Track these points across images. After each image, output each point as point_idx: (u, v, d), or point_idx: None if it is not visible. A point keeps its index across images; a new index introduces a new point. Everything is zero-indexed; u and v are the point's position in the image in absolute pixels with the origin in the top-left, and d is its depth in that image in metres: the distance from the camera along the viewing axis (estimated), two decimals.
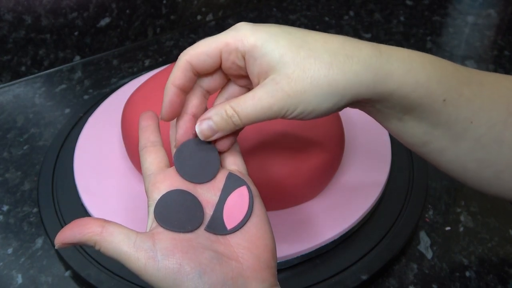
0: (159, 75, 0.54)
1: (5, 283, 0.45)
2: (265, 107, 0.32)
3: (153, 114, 0.39)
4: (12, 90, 0.68)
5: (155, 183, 0.35)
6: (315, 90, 0.31)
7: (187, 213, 0.33)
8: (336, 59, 0.32)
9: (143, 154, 0.37)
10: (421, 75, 0.33)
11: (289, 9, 0.85)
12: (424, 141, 0.35)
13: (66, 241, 0.31)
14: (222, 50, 0.34)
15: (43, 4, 0.66)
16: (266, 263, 0.33)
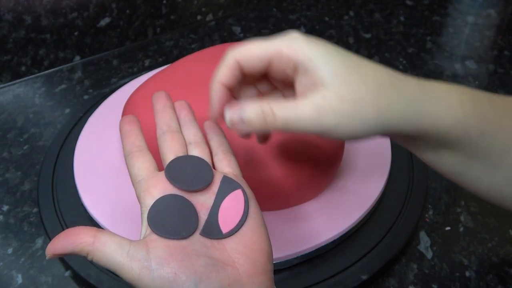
0: (159, 75, 0.55)
1: (5, 283, 0.45)
2: (306, 117, 0.31)
3: (134, 118, 0.39)
4: (12, 90, 0.68)
5: (147, 188, 0.34)
6: (360, 115, 0.31)
7: (181, 219, 0.32)
8: (384, 90, 0.32)
9: (130, 160, 0.36)
10: (459, 112, 0.33)
11: (289, 9, 0.85)
12: (460, 171, 0.35)
13: (57, 252, 0.30)
14: (275, 56, 0.34)
15: (43, 4, 0.66)
16: (262, 267, 0.32)
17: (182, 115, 0.41)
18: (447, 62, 0.72)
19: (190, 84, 0.51)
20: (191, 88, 0.51)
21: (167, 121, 0.39)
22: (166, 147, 0.37)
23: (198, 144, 0.38)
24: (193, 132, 0.39)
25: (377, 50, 0.75)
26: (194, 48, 0.76)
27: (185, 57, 0.57)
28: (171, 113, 0.40)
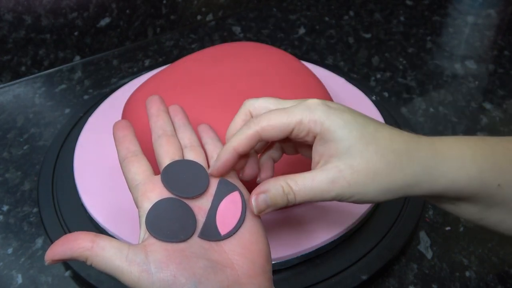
0: (159, 75, 0.55)
1: (5, 283, 0.45)
2: (324, 191, 0.33)
3: (127, 123, 0.40)
4: (12, 90, 0.68)
5: (144, 192, 0.34)
6: (374, 185, 0.33)
7: (179, 222, 0.33)
8: (399, 160, 0.33)
9: (125, 165, 0.36)
10: (473, 170, 0.34)
11: (289, 9, 0.85)
12: (480, 217, 0.35)
13: (56, 258, 0.30)
14: (295, 127, 0.34)
15: (43, 4, 0.66)
16: (261, 268, 0.33)
17: (177, 119, 0.41)
18: (447, 62, 0.72)
19: (190, 84, 0.51)
20: (191, 88, 0.51)
21: (162, 125, 0.39)
22: (162, 151, 0.37)
23: (194, 148, 0.39)
24: (188, 135, 0.40)
25: (377, 50, 0.75)
26: (194, 48, 0.76)
27: (185, 57, 0.57)
28: (166, 117, 0.40)
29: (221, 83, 0.51)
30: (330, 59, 0.73)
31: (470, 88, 0.68)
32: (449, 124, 0.61)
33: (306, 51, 0.75)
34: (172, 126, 0.40)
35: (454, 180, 0.33)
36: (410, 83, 0.68)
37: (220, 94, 0.50)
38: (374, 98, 0.61)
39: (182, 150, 0.38)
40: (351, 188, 0.33)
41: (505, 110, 0.64)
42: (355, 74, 0.70)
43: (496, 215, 0.35)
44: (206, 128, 0.42)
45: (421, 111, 0.63)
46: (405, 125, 0.58)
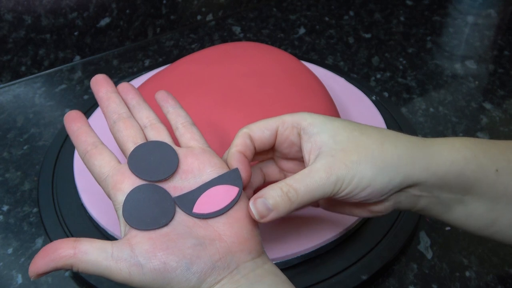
0: (159, 75, 0.55)
1: (5, 283, 0.45)
2: (322, 177, 0.32)
3: (78, 113, 0.37)
4: (12, 90, 0.68)
5: (115, 184, 0.33)
6: (370, 163, 0.33)
7: (158, 207, 0.32)
8: (387, 138, 0.34)
9: (88, 159, 0.35)
10: (466, 151, 0.34)
11: (289, 9, 0.85)
12: (491, 219, 0.35)
13: (40, 271, 0.30)
14: (279, 125, 0.36)
15: (43, 4, 0.66)
16: (249, 232, 0.32)
17: (129, 99, 0.39)
18: (447, 62, 0.72)
19: (190, 84, 0.51)
20: (191, 88, 0.51)
21: (115, 108, 0.37)
22: (122, 136, 0.36)
23: (154, 126, 0.37)
24: (145, 114, 0.38)
25: (377, 50, 0.75)
26: (194, 48, 0.76)
27: (185, 57, 0.57)
28: (117, 98, 0.38)
29: (221, 83, 0.51)
30: (330, 59, 0.73)
31: (470, 88, 0.68)
32: (449, 124, 0.61)
33: (306, 51, 0.75)
34: (125, 107, 0.38)
35: (451, 160, 0.33)
36: (410, 83, 0.68)
37: (220, 94, 0.50)
38: (374, 98, 0.61)
39: (143, 130, 0.37)
40: (349, 169, 0.32)
41: (505, 110, 0.64)
42: (355, 74, 0.70)
43: (505, 215, 0.34)
44: (164, 96, 0.40)
45: (421, 111, 0.63)
46: (405, 125, 0.58)
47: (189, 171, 0.34)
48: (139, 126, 0.37)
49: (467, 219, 0.35)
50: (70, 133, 0.37)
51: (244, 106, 0.48)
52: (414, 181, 0.33)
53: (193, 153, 0.35)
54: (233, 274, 0.31)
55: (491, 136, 0.60)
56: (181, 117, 0.38)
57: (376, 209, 0.35)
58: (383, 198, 0.34)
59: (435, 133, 0.60)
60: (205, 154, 0.35)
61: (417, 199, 0.35)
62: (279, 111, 0.48)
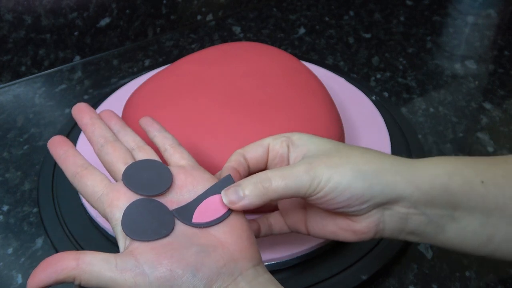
0: (159, 75, 0.55)
1: (5, 283, 0.45)
2: (300, 172, 0.33)
3: (62, 138, 0.38)
4: (12, 90, 0.68)
5: (111, 202, 0.33)
6: (350, 167, 0.33)
7: (157, 219, 0.32)
8: (371, 152, 0.35)
9: (79, 180, 0.35)
10: (448, 166, 0.34)
11: (289, 9, 0.85)
12: (487, 235, 0.34)
13: (41, 285, 0.29)
14: (270, 142, 0.37)
15: (43, 4, 0.66)
16: (248, 240, 0.33)
17: (113, 124, 0.40)
18: (447, 62, 0.72)
19: (190, 84, 0.51)
20: (191, 88, 0.51)
21: (101, 133, 0.38)
22: (111, 158, 0.36)
23: (142, 148, 0.38)
24: (131, 138, 0.39)
25: (377, 50, 0.75)
26: (194, 48, 0.76)
27: (185, 57, 0.57)
28: (101, 124, 0.39)
29: (221, 83, 0.51)
30: (330, 59, 0.73)
31: (470, 88, 0.68)
32: (449, 124, 0.61)
33: (306, 51, 0.75)
34: (111, 132, 0.39)
35: (434, 174, 0.33)
36: (410, 83, 0.68)
37: (220, 94, 0.50)
38: (374, 98, 0.61)
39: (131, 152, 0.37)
40: (328, 168, 0.33)
41: (505, 110, 0.64)
42: (355, 74, 0.70)
43: (499, 228, 0.34)
44: (149, 122, 0.40)
45: (421, 111, 0.63)
46: (405, 125, 0.58)
47: (183, 186, 0.35)
48: (127, 148, 0.37)
49: (462, 239, 0.35)
50: (57, 157, 0.37)
51: (244, 106, 0.48)
52: (398, 193, 0.33)
53: (185, 170, 0.36)
54: (238, 281, 0.31)
55: (491, 136, 0.60)
56: (168, 139, 0.39)
57: (358, 227, 0.35)
58: (364, 208, 0.34)
59: (435, 133, 0.60)
60: (197, 171, 0.36)
61: (405, 219, 0.34)
62: (279, 111, 0.48)
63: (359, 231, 0.35)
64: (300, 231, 0.38)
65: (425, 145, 0.58)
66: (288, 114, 0.48)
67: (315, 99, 0.50)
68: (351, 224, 0.35)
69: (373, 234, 0.35)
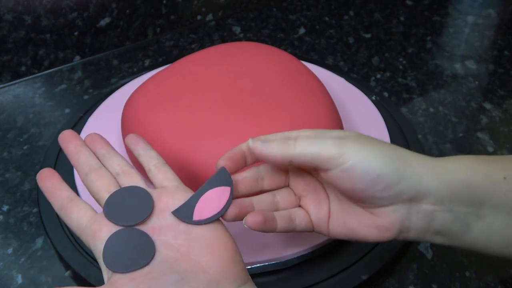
0: (159, 75, 0.55)
1: (5, 283, 0.45)
2: (328, 137, 0.34)
3: (50, 171, 0.38)
4: (12, 90, 0.68)
5: (93, 234, 0.34)
6: (379, 148, 0.33)
7: (137, 249, 0.32)
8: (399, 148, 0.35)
9: (65, 213, 0.36)
10: (470, 162, 0.34)
11: (289, 9, 0.85)
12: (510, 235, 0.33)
13: None
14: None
15: (43, 4, 0.66)
16: (231, 260, 0.33)
17: (98, 149, 0.40)
18: (447, 62, 0.72)
19: (190, 84, 0.51)
20: (191, 88, 0.51)
21: (85, 161, 0.38)
22: (95, 187, 0.37)
23: (126, 172, 0.38)
24: (116, 161, 0.39)
25: (377, 50, 0.75)
26: (194, 48, 0.76)
27: (185, 57, 0.57)
28: (86, 150, 0.39)
29: (221, 83, 0.51)
30: (330, 59, 0.73)
31: (470, 88, 0.68)
32: (449, 124, 0.61)
33: (306, 51, 0.75)
34: (95, 159, 0.39)
35: (457, 170, 0.33)
36: (410, 83, 0.68)
37: (220, 94, 0.50)
38: (374, 98, 0.61)
39: (116, 178, 0.38)
40: (357, 145, 0.33)
41: (505, 110, 0.64)
42: (355, 74, 0.70)
43: None
44: (134, 140, 0.41)
45: (421, 111, 0.63)
46: (405, 125, 0.58)
47: (165, 209, 0.35)
48: (111, 174, 0.38)
49: (487, 238, 0.34)
50: (45, 191, 0.37)
51: (244, 106, 0.48)
52: (424, 186, 0.33)
53: (167, 192, 0.36)
54: None
55: (491, 136, 0.60)
56: (153, 159, 0.39)
57: (382, 222, 0.34)
58: (391, 195, 0.33)
59: (435, 133, 0.60)
60: (179, 191, 0.36)
61: (431, 217, 0.33)
62: (279, 111, 0.48)
63: (382, 227, 0.34)
64: (322, 230, 0.37)
65: (425, 145, 0.58)
66: (288, 114, 0.48)
67: (315, 99, 0.50)
68: (375, 219, 0.34)
69: (397, 232, 0.34)
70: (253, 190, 0.38)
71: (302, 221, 0.37)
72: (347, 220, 0.36)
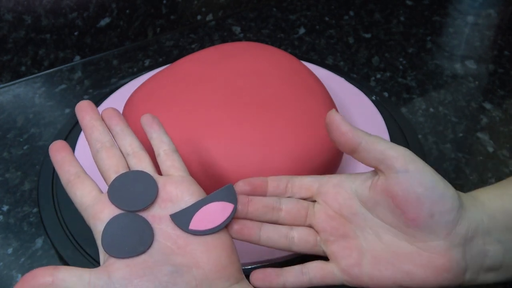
0: (159, 75, 0.54)
1: (5, 283, 0.45)
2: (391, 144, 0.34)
3: (63, 143, 0.38)
4: (12, 90, 0.68)
5: (94, 214, 0.34)
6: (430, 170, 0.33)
7: (136, 235, 0.32)
8: None
9: (70, 189, 0.36)
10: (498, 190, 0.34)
11: (289, 9, 0.85)
12: None
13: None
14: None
15: (43, 4, 0.66)
16: (227, 259, 0.33)
17: (113, 125, 0.39)
18: (447, 62, 0.72)
19: (190, 84, 0.51)
20: (191, 88, 0.51)
21: (98, 137, 0.38)
22: (104, 165, 0.36)
23: (136, 154, 0.37)
24: (128, 141, 0.38)
25: (377, 50, 0.75)
26: (194, 48, 0.76)
27: (185, 57, 0.57)
28: (100, 126, 0.39)
29: (221, 83, 0.51)
30: (330, 59, 0.73)
31: (470, 88, 0.68)
32: (449, 124, 0.61)
33: (306, 51, 0.75)
34: (109, 135, 0.38)
35: (496, 199, 0.32)
36: (410, 83, 0.68)
37: (220, 94, 0.50)
38: (374, 98, 0.61)
39: (125, 158, 0.37)
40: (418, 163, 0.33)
41: (505, 110, 0.64)
42: (355, 74, 0.70)
43: None
44: (149, 121, 0.40)
45: (421, 111, 0.63)
46: (405, 125, 0.58)
47: (168, 199, 0.35)
48: (121, 154, 0.37)
49: None
50: (54, 162, 0.37)
51: (244, 106, 0.48)
52: (474, 218, 0.31)
53: (172, 181, 0.35)
54: None
55: (491, 136, 0.60)
56: (164, 144, 0.38)
57: (440, 261, 0.31)
58: (448, 223, 0.31)
59: (435, 133, 0.60)
60: (184, 183, 0.35)
61: (484, 253, 0.32)
62: (279, 111, 0.48)
63: (441, 267, 0.31)
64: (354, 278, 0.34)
65: (425, 145, 0.58)
66: (288, 114, 0.48)
67: (315, 99, 0.50)
68: (431, 258, 0.32)
69: (454, 273, 0.31)
70: (265, 216, 0.37)
71: (316, 273, 0.36)
72: (396, 261, 0.33)
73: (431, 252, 0.32)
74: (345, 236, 0.36)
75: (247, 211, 0.36)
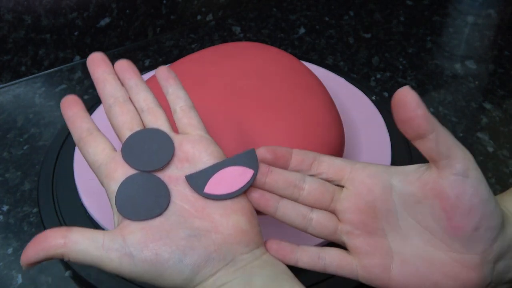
0: None
1: (5, 283, 0.45)
2: None
3: (74, 98, 0.36)
4: (12, 90, 0.68)
5: (108, 173, 0.32)
6: None
7: (151, 197, 0.31)
8: None
9: (82, 146, 0.34)
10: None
11: (289, 9, 0.85)
12: None
13: (31, 261, 0.29)
14: None
15: (43, 4, 0.66)
16: (247, 223, 0.31)
17: (127, 79, 0.37)
18: (447, 62, 0.72)
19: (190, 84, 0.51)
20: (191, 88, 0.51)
21: (111, 91, 0.35)
22: (117, 122, 0.34)
23: (151, 110, 0.35)
24: (143, 96, 0.36)
25: (377, 50, 0.75)
26: (194, 48, 0.76)
27: (185, 57, 0.57)
28: (113, 80, 0.36)
29: (221, 83, 0.51)
30: (330, 59, 0.73)
31: (470, 88, 0.68)
32: (449, 124, 0.61)
33: (306, 51, 0.75)
34: (123, 90, 0.36)
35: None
36: (410, 83, 0.68)
37: (219, 94, 0.50)
38: (374, 98, 0.61)
39: (140, 114, 0.35)
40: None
41: (505, 110, 0.64)
42: (355, 74, 0.70)
43: None
44: (165, 75, 0.37)
45: None
46: None
47: (184, 159, 0.33)
48: (135, 110, 0.35)
49: None
50: (66, 118, 0.35)
51: (244, 106, 0.48)
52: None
53: (190, 140, 0.33)
54: (229, 266, 0.30)
55: (491, 136, 0.60)
56: (180, 100, 0.36)
57: (472, 276, 0.29)
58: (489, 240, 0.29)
59: None
60: (202, 142, 0.33)
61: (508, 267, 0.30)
62: (279, 111, 0.48)
63: (469, 282, 0.30)
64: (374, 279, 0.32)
65: None
66: (288, 114, 0.48)
67: (315, 99, 0.50)
68: (463, 271, 0.30)
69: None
70: (285, 191, 0.33)
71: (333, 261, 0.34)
72: (426, 270, 0.31)
73: (464, 265, 0.30)
74: (372, 233, 0.32)
75: (265, 181, 0.33)
